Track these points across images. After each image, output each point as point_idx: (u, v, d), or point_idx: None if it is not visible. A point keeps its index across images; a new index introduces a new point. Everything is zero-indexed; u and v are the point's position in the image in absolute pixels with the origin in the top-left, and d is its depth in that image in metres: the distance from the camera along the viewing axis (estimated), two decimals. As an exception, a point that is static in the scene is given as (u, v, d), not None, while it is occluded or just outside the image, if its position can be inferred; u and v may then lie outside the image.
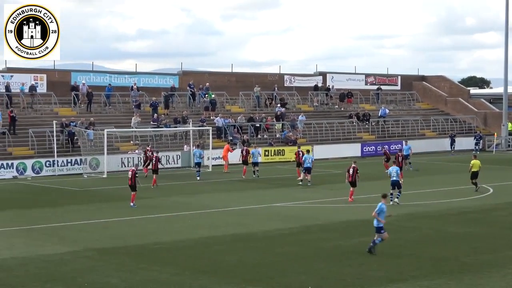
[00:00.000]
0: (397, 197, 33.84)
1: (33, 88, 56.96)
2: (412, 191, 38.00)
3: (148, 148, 48.29)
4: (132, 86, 61.30)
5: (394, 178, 33.66)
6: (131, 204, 33.37)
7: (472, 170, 38.21)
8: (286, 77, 73.47)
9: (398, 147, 65.18)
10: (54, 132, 49.87)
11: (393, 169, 33.97)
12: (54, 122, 50.52)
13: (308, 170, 41.59)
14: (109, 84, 60.99)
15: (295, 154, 46.41)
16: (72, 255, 22.69)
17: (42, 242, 24.91)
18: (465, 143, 70.48)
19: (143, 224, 28.93)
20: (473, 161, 38.51)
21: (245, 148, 48.96)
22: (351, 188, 35.01)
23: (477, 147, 68.92)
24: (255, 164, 47.65)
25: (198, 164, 46.39)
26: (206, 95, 63.43)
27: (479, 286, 18.79)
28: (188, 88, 63.95)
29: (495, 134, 71.64)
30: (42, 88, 58.59)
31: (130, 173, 33.88)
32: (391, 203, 33.02)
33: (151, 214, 31.31)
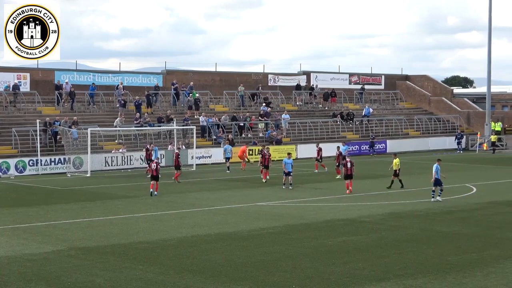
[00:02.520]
0: (439, 195, 34.18)
1: (16, 87, 56.70)
2: (397, 190, 38.17)
3: (149, 146, 49.08)
4: (118, 85, 61.17)
5: (436, 176, 34.07)
6: (155, 193, 35.91)
7: (393, 168, 39.47)
8: (270, 76, 73.59)
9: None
10: (38, 131, 49.67)
11: (434, 168, 34.22)
12: (38, 121, 50.32)
13: (289, 174, 40.88)
14: (93, 83, 60.85)
15: (261, 154, 45.01)
16: (56, 254, 22.58)
17: (26, 241, 24.78)
18: (448, 142, 70.90)
19: (127, 223, 28.83)
20: (393, 160, 39.85)
21: (265, 147, 46.15)
22: (349, 181, 36.85)
23: (459, 147, 69.29)
24: (228, 159, 50.30)
25: None
26: (190, 94, 63.37)
27: (462, 285, 18.84)
28: (171, 87, 63.92)
29: (479, 133, 72.01)
30: (25, 87, 58.37)
31: (154, 165, 36.18)
32: (432, 200, 34.11)
33: (136, 213, 31.25)
